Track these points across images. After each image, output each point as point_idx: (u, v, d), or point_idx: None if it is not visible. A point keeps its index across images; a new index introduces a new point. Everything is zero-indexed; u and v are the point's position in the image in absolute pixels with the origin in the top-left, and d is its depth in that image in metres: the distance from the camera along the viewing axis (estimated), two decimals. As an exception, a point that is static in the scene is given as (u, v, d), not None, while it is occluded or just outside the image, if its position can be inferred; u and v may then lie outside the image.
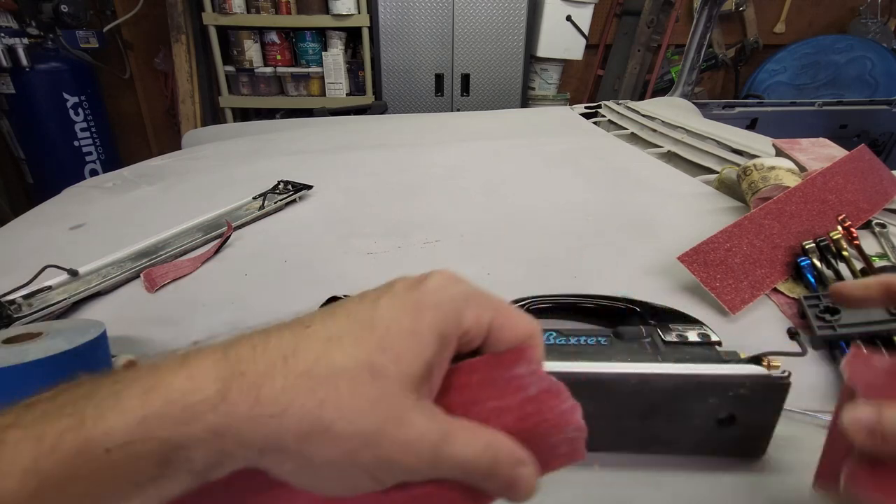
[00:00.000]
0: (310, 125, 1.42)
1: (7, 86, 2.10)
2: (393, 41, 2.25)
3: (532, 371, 0.19)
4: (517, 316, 0.20)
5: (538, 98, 2.52)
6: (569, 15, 2.29)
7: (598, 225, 0.69)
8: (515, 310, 0.20)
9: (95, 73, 2.42)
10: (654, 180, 0.87)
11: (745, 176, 0.69)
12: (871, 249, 0.57)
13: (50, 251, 0.67)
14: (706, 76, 3.01)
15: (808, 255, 0.52)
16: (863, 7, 2.74)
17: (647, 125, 1.23)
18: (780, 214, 0.55)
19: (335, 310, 0.18)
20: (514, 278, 0.56)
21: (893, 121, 1.80)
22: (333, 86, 2.34)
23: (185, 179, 0.94)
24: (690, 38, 1.55)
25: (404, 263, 0.60)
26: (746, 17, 2.81)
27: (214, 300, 0.53)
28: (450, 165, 0.97)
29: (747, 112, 1.72)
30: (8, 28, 2.02)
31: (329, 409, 0.16)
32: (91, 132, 2.35)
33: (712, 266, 0.51)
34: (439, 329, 0.17)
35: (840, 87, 2.61)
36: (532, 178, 0.91)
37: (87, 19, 2.28)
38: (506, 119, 1.49)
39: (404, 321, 0.17)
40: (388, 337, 0.17)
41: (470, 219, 0.72)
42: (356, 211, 0.77)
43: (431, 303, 0.18)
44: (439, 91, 2.38)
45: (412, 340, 0.17)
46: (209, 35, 2.24)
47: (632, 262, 0.59)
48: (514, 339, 0.19)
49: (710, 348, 0.36)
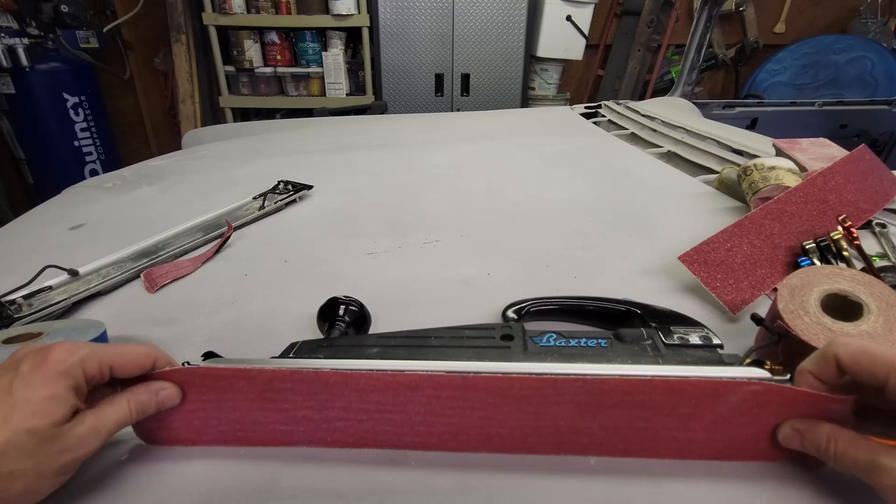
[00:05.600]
0: (310, 125, 1.42)
1: (7, 86, 2.10)
2: (393, 41, 2.25)
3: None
4: (131, 350, 0.30)
5: (538, 98, 2.52)
6: (569, 15, 2.29)
7: (599, 225, 0.69)
8: (128, 347, 0.30)
9: (95, 73, 2.42)
10: (654, 180, 0.87)
11: (746, 176, 0.69)
12: (872, 249, 0.57)
13: (50, 251, 0.67)
14: (706, 76, 3.01)
15: (808, 255, 0.52)
16: (863, 7, 2.74)
17: (647, 125, 1.23)
18: (781, 214, 0.55)
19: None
20: (514, 278, 0.56)
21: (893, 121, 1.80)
22: (333, 86, 2.34)
23: (185, 179, 0.94)
24: (690, 38, 1.55)
25: (404, 263, 0.60)
26: (746, 17, 2.81)
27: (214, 300, 0.53)
28: (450, 165, 0.97)
29: (747, 112, 1.72)
30: (8, 28, 2.02)
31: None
32: (91, 132, 2.35)
33: (713, 266, 0.51)
34: (71, 385, 0.27)
35: (840, 87, 2.61)
36: (532, 178, 0.91)
37: (87, 19, 2.28)
38: (506, 119, 1.49)
39: (42, 392, 0.26)
40: (31, 407, 0.25)
41: (470, 219, 0.72)
42: (356, 211, 0.77)
43: (60, 371, 0.27)
44: (439, 91, 2.38)
45: (53, 403, 0.26)
46: (209, 35, 2.24)
47: (632, 261, 0.59)
48: (138, 367, 0.30)
49: (712, 351, 0.36)
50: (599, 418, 0.30)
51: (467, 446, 0.32)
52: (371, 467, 0.31)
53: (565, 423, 0.30)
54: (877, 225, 0.62)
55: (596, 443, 0.31)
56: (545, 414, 0.30)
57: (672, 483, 0.30)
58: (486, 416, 0.30)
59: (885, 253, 0.57)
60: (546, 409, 0.30)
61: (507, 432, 0.31)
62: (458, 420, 0.31)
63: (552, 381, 0.29)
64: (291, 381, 0.30)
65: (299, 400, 0.31)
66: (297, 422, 0.32)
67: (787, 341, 0.37)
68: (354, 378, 0.30)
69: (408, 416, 0.31)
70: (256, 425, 0.32)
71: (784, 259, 0.53)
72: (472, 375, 0.29)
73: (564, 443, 0.31)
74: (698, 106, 1.58)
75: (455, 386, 0.30)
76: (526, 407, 0.30)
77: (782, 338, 0.37)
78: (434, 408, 0.30)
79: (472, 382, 0.29)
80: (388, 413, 0.31)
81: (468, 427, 0.31)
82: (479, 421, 0.31)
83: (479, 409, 0.30)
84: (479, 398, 0.30)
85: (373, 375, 0.30)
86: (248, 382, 0.30)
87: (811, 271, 0.42)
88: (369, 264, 0.60)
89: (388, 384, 0.30)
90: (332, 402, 0.31)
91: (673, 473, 0.31)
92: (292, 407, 0.31)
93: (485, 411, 0.30)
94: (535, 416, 0.30)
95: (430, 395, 0.30)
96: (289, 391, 0.31)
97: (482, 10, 2.23)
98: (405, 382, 0.30)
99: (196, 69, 2.43)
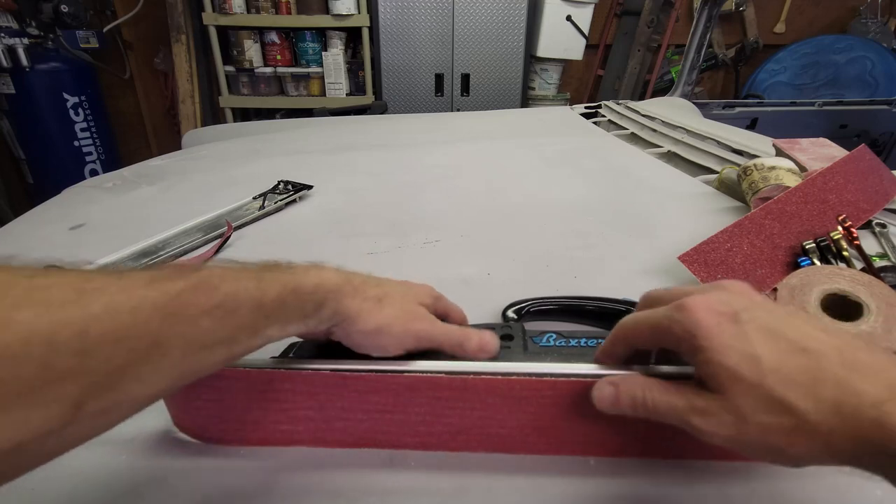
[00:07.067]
0: (310, 125, 1.42)
1: (7, 86, 2.10)
2: (393, 41, 2.25)
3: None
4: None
5: (538, 98, 2.52)
6: (569, 15, 2.29)
7: (599, 225, 0.69)
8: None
9: (95, 73, 2.42)
10: (654, 180, 0.87)
11: (746, 176, 0.69)
12: (872, 249, 0.57)
13: (50, 251, 0.67)
14: (706, 76, 3.01)
15: (808, 255, 0.52)
16: (863, 7, 2.74)
17: (647, 125, 1.23)
18: (781, 214, 0.55)
19: (383, 283, 0.33)
20: (514, 278, 0.56)
21: (893, 121, 1.80)
22: (333, 86, 2.34)
23: (185, 179, 0.94)
24: (690, 38, 1.55)
25: (404, 263, 0.60)
26: (746, 17, 2.81)
27: (214, 300, 0.53)
28: (450, 165, 0.97)
29: (747, 112, 1.72)
30: (8, 28, 2.02)
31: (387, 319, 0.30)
32: (91, 132, 2.34)
33: (713, 266, 0.51)
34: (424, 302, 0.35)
35: (840, 87, 2.61)
36: (532, 177, 0.91)
37: (87, 19, 2.28)
38: (506, 119, 1.49)
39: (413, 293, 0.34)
40: (409, 300, 0.33)
41: (470, 219, 0.72)
42: (356, 211, 0.77)
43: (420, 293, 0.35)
44: (439, 91, 2.38)
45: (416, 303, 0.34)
46: (209, 35, 2.23)
47: (632, 261, 0.59)
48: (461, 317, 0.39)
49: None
50: (600, 419, 0.30)
51: (467, 446, 0.32)
52: (371, 467, 0.31)
53: (565, 423, 0.30)
54: (877, 225, 0.62)
55: (596, 443, 0.31)
56: (545, 414, 0.30)
57: (672, 483, 0.30)
58: (486, 416, 0.31)
59: (885, 253, 0.57)
60: (545, 410, 0.30)
61: (506, 432, 0.31)
62: (458, 420, 0.31)
63: (552, 383, 0.29)
64: (291, 381, 0.30)
65: (299, 400, 0.31)
66: (297, 421, 0.32)
67: None
68: (354, 379, 0.30)
69: (408, 416, 0.31)
70: (257, 425, 0.32)
71: (784, 259, 0.53)
72: (472, 377, 0.29)
73: (565, 443, 0.31)
74: (698, 106, 1.58)
75: (455, 387, 0.30)
76: (526, 408, 0.30)
77: None
78: (434, 408, 0.31)
79: (471, 384, 0.30)
80: (388, 413, 0.31)
81: (468, 427, 0.31)
82: (478, 421, 0.31)
83: (478, 409, 0.30)
84: (478, 399, 0.30)
85: (372, 377, 0.30)
86: (249, 383, 0.30)
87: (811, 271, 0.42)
88: (369, 264, 0.60)
89: (388, 385, 0.30)
90: (331, 402, 0.31)
91: (673, 473, 0.31)
92: (292, 407, 0.31)
93: (484, 412, 0.30)
94: (535, 417, 0.30)
95: (430, 396, 0.30)
96: (289, 391, 0.31)
97: (482, 10, 2.23)
98: (405, 384, 0.30)
99: (196, 69, 2.43)
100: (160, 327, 0.20)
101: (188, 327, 0.21)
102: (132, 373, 0.19)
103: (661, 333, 0.26)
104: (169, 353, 0.20)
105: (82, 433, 0.19)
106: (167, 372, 0.21)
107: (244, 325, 0.24)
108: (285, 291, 0.26)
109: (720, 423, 0.24)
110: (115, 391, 0.19)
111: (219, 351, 0.23)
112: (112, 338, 0.18)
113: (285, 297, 0.26)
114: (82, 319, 0.18)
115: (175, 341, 0.21)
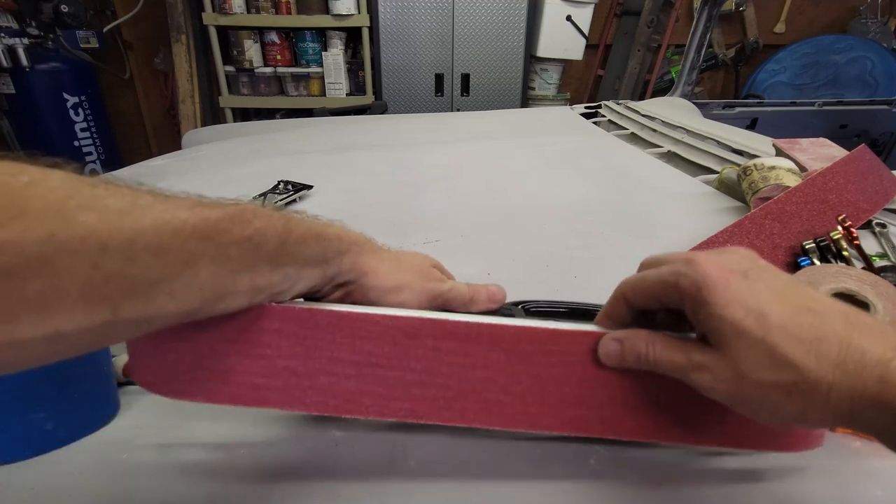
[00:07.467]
0: (310, 125, 1.42)
1: (7, 86, 2.10)
2: (393, 41, 2.25)
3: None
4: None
5: (538, 98, 2.52)
6: (569, 15, 2.29)
7: (599, 225, 0.69)
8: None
9: (95, 73, 2.42)
10: (654, 180, 0.87)
11: (746, 176, 0.69)
12: (872, 249, 0.57)
13: (50, 251, 0.67)
14: (706, 76, 3.01)
15: (808, 255, 0.52)
16: (863, 7, 2.75)
17: (647, 125, 1.23)
18: (781, 214, 0.55)
19: (398, 254, 0.35)
20: (514, 278, 0.56)
21: (893, 121, 1.80)
22: (333, 86, 2.34)
23: (185, 179, 0.94)
24: (690, 38, 1.55)
25: (404, 263, 0.60)
26: (746, 17, 2.81)
27: (214, 300, 0.53)
28: (450, 165, 0.97)
29: (747, 112, 1.72)
30: (8, 28, 2.02)
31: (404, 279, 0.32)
32: (91, 132, 2.35)
33: (712, 266, 0.50)
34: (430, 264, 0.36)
35: (840, 87, 2.61)
36: (532, 177, 0.91)
37: (87, 19, 2.28)
38: (506, 119, 1.49)
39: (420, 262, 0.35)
40: (423, 263, 0.35)
41: (470, 219, 0.72)
42: (356, 211, 0.77)
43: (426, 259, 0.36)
44: (439, 91, 2.38)
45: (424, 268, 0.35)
46: (209, 35, 2.23)
47: (632, 261, 0.58)
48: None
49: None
50: (608, 385, 0.29)
51: (462, 417, 0.29)
52: (371, 467, 0.31)
53: (570, 390, 0.29)
54: (877, 225, 0.62)
55: (601, 419, 0.30)
56: (549, 378, 0.29)
57: (672, 483, 0.30)
58: (488, 377, 0.29)
59: (885, 253, 0.57)
60: (550, 371, 0.29)
61: (507, 400, 0.29)
62: (457, 382, 0.29)
63: (561, 333, 0.29)
64: (280, 319, 0.28)
65: (284, 346, 0.28)
66: (275, 374, 0.28)
67: None
68: (350, 319, 0.28)
69: (402, 373, 0.29)
70: (228, 375, 0.28)
71: (784, 259, 0.53)
72: (476, 323, 0.28)
73: (567, 418, 0.30)
74: (698, 106, 1.58)
75: (458, 335, 0.28)
76: (529, 370, 0.29)
77: None
78: (432, 364, 0.29)
79: (475, 330, 0.28)
80: (380, 368, 0.29)
81: (466, 391, 0.29)
82: (479, 384, 0.29)
83: (480, 368, 0.29)
84: (481, 353, 0.29)
85: (369, 318, 0.28)
86: (230, 318, 0.27)
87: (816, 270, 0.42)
88: (369, 264, 0.60)
89: (386, 329, 0.28)
90: (320, 350, 0.28)
91: (674, 473, 0.31)
92: (274, 354, 0.28)
93: (486, 371, 0.29)
94: (539, 382, 0.29)
95: (430, 346, 0.28)
96: (275, 332, 0.28)
97: (482, 10, 2.23)
98: (404, 329, 0.28)
99: (196, 69, 2.43)
100: (195, 248, 0.22)
101: (218, 252, 0.23)
102: (165, 287, 0.21)
103: (665, 289, 0.26)
104: (198, 273, 0.22)
105: (115, 335, 0.22)
106: (195, 293, 0.22)
107: (267, 258, 0.25)
108: (310, 235, 0.27)
109: (718, 379, 0.24)
110: (148, 302, 0.20)
111: (242, 280, 0.24)
112: (154, 251, 0.20)
113: (309, 239, 0.27)
114: (132, 230, 0.19)
115: (204, 263, 0.22)
